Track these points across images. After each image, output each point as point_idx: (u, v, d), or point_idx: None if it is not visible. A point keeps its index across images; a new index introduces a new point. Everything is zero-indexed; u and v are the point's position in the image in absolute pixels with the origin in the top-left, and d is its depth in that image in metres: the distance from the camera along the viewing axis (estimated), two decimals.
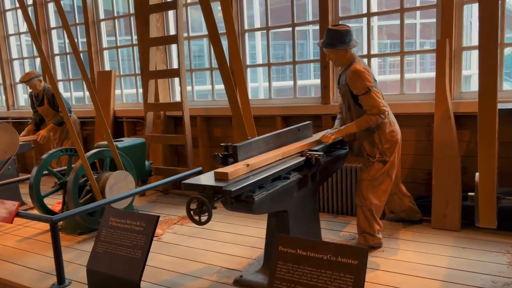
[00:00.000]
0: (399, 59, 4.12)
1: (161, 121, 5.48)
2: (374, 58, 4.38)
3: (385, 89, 5.94)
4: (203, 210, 2.11)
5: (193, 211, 2.14)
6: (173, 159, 5.68)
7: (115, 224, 2.86)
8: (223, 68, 2.66)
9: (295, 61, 4.68)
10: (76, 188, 3.88)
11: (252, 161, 2.47)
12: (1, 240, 4.06)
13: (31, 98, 5.84)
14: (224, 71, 2.69)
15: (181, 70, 4.91)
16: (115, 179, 3.98)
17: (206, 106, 5.28)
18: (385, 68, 10.34)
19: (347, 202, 4.16)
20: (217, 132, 5.32)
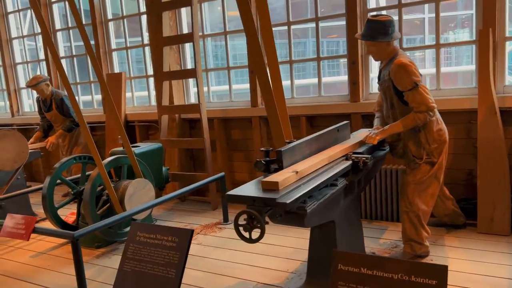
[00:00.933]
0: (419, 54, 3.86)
1: (176, 124, 5.22)
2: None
3: None
4: (254, 225, 1.84)
5: (243, 227, 1.88)
6: (189, 163, 5.41)
7: (143, 239, 2.60)
8: (260, 67, 2.41)
9: (319, 57, 4.41)
10: (94, 199, 3.62)
11: (299, 167, 2.21)
12: (14, 256, 3.79)
13: (38, 103, 5.58)
14: (261, 70, 2.44)
15: (198, 70, 4.64)
16: (134, 188, 3.72)
17: (224, 107, 5.01)
18: None
19: (382, 207, 3.90)
20: (236, 135, 5.06)
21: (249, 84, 4.73)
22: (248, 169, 5.03)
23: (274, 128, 2.62)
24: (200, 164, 5.40)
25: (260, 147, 4.75)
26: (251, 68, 4.65)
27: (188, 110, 4.93)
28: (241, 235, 1.93)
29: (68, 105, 5.37)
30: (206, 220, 4.35)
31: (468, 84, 4.29)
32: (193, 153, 5.44)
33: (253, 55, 2.45)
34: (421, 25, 7.21)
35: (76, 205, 4.12)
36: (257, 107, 4.70)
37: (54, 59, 3.29)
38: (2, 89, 7.40)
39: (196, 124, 5.31)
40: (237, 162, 5.13)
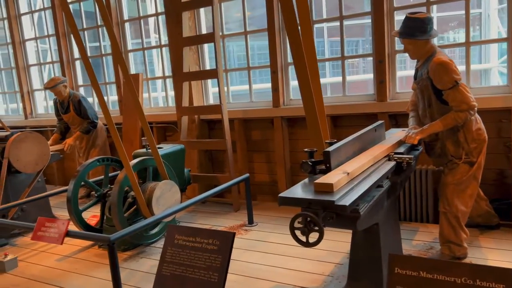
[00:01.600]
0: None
1: (196, 125, 5.17)
2: None
3: None
4: (311, 228, 1.79)
5: (300, 230, 1.82)
6: (208, 165, 5.36)
7: (182, 242, 2.55)
8: (301, 64, 2.36)
9: (344, 56, 4.36)
10: (121, 202, 3.57)
11: (348, 168, 2.15)
12: (39, 259, 3.74)
13: (56, 105, 5.53)
14: (301, 67, 2.39)
15: (219, 71, 4.59)
16: (161, 190, 3.67)
17: (244, 108, 4.96)
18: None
19: (411, 208, 3.84)
20: (256, 135, 5.01)
21: (271, 84, 4.68)
22: (268, 170, 4.98)
23: (312, 128, 2.56)
24: (219, 165, 5.35)
25: (282, 148, 4.70)
26: (273, 68, 4.61)
27: (209, 111, 4.88)
28: (297, 239, 1.87)
29: (86, 106, 5.33)
30: (230, 222, 4.30)
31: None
32: (212, 154, 5.39)
33: (295, 50, 2.39)
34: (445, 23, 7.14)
35: (100, 207, 4.08)
36: (279, 107, 4.65)
37: (84, 60, 3.23)
38: (15, 91, 7.36)
39: (216, 125, 5.26)
40: (257, 163, 5.08)
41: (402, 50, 2.99)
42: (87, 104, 5.37)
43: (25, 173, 4.26)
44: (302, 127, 4.65)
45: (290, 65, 4.66)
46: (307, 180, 2.19)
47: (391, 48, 4.00)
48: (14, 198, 4.26)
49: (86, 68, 3.23)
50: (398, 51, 4.03)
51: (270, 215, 4.40)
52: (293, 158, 4.77)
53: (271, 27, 4.53)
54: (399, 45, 3.98)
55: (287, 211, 4.48)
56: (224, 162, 5.31)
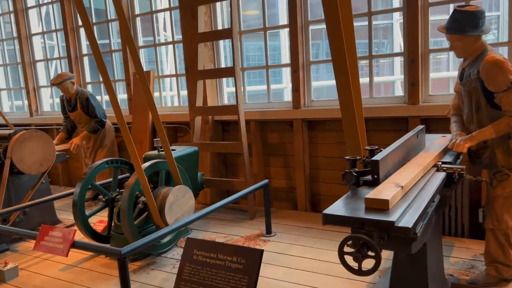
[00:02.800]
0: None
1: (209, 126, 4.89)
2: None
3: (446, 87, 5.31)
4: (365, 254, 1.50)
5: (353, 256, 1.53)
6: (221, 168, 5.08)
7: (201, 258, 2.26)
8: (341, 64, 2.10)
9: (372, 55, 4.06)
10: (131, 208, 3.29)
11: (398, 180, 1.86)
12: (41, 268, 3.47)
13: (62, 102, 5.27)
14: (342, 67, 2.13)
15: (236, 69, 4.30)
16: (175, 196, 3.38)
17: (261, 109, 4.68)
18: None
19: (445, 220, 3.54)
20: (273, 138, 4.72)
21: (291, 84, 4.39)
22: (285, 175, 4.69)
23: (350, 133, 2.29)
24: (232, 169, 5.07)
25: (302, 152, 4.41)
26: (294, 67, 4.32)
27: (224, 112, 4.60)
28: (347, 266, 1.58)
29: (94, 105, 5.07)
30: (246, 231, 4.01)
31: None
32: (225, 158, 5.11)
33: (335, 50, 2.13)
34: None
35: (108, 212, 3.81)
36: (300, 108, 4.36)
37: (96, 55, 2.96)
38: (20, 87, 7.12)
39: (230, 127, 4.98)
40: (274, 167, 4.79)
41: (448, 48, 2.69)
42: (96, 102, 5.10)
43: (29, 174, 3.99)
44: (323, 130, 4.36)
45: (312, 64, 4.38)
46: (350, 194, 1.90)
47: (424, 47, 3.70)
48: (16, 201, 4.00)
49: (98, 64, 2.96)
50: (432, 50, 3.73)
51: (289, 224, 4.11)
52: (313, 164, 4.48)
53: (293, 23, 4.25)
54: (433, 43, 3.69)
55: (307, 220, 4.19)
56: (238, 166, 5.02)
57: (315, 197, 4.53)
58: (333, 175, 4.37)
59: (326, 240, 3.65)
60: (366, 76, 4.22)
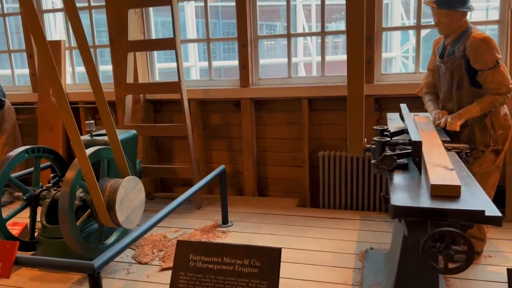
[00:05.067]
0: None
1: (140, 106, 4.29)
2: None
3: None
4: (455, 250, 1.30)
5: (444, 254, 1.32)
6: (154, 154, 4.53)
7: (201, 265, 1.87)
8: (358, 37, 1.85)
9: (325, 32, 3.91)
10: (73, 207, 2.67)
11: (440, 161, 1.71)
12: None
13: None
14: (357, 40, 1.88)
15: (177, 40, 3.80)
16: (125, 190, 2.84)
17: (204, 87, 4.24)
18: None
19: None
20: (215, 119, 4.33)
21: (239, 60, 4.04)
22: (229, 159, 4.36)
23: (354, 112, 2.09)
24: (165, 155, 4.56)
25: (250, 134, 4.12)
26: (241, 41, 3.97)
27: (164, 90, 4.04)
28: (432, 264, 1.36)
29: None
30: (198, 223, 3.61)
31: None
32: (157, 142, 4.57)
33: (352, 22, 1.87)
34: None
35: (29, 213, 3.08)
36: (248, 87, 4.05)
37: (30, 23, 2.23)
38: None
39: (163, 107, 4.45)
40: (215, 151, 4.42)
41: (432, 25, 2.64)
42: None
43: None
44: (271, 110, 4.13)
45: (260, 39, 4.07)
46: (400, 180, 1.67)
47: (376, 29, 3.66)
48: None
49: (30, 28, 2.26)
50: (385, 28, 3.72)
51: (242, 212, 3.82)
52: (260, 146, 4.23)
53: None
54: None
55: (258, 205, 3.96)
56: (173, 151, 4.54)
57: (262, 181, 4.30)
58: (281, 157, 4.19)
59: (289, 226, 3.47)
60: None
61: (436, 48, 2.77)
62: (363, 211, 3.69)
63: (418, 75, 3.63)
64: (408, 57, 7.90)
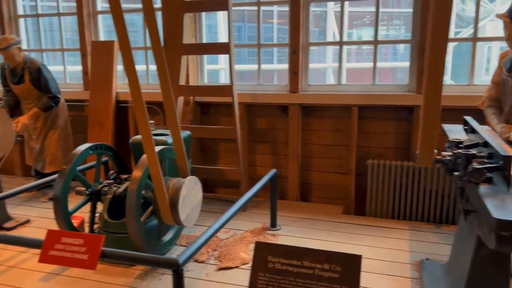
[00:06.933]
0: None
1: (190, 108, 4.39)
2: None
3: None
4: None
5: None
6: (200, 155, 4.62)
7: (280, 267, 1.92)
8: (441, 42, 1.89)
9: (377, 41, 3.94)
10: (140, 204, 2.77)
11: None
12: (15, 279, 2.77)
13: (3, 72, 4.32)
14: (440, 46, 1.92)
15: (231, 45, 3.88)
16: (187, 189, 2.92)
17: (252, 91, 4.31)
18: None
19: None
20: (261, 123, 4.40)
21: (289, 66, 4.10)
22: (273, 163, 4.41)
23: (428, 123, 2.11)
24: (210, 156, 4.64)
25: (297, 139, 4.17)
26: (293, 47, 4.03)
27: (216, 92, 4.13)
28: None
29: (47, 77, 4.24)
30: (247, 225, 3.67)
31: None
32: (202, 143, 4.66)
33: (436, 27, 1.91)
34: None
35: (90, 207, 3.19)
36: (298, 93, 4.10)
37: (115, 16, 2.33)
38: None
39: (211, 109, 4.54)
40: (259, 155, 4.48)
41: (504, 37, 2.65)
42: (49, 74, 4.27)
43: None
44: (319, 117, 4.17)
45: (311, 45, 4.12)
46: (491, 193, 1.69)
47: None
48: None
49: (116, 24, 2.35)
50: None
51: (287, 216, 3.87)
52: (306, 151, 4.27)
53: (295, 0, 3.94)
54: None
55: (302, 210, 4.00)
56: (218, 153, 4.62)
57: (305, 186, 4.35)
58: (326, 163, 4.22)
59: (336, 232, 3.50)
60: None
61: (503, 62, 2.77)
62: (411, 221, 3.70)
63: (473, 87, 3.64)
64: None
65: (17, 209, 4.02)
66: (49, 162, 4.44)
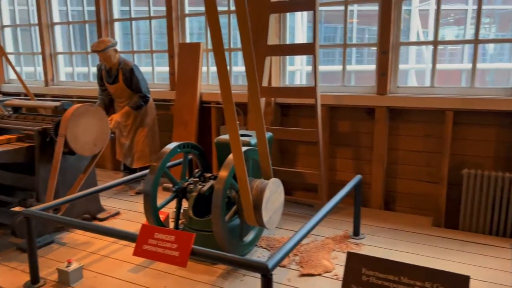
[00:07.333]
0: None
1: (271, 109, 4.37)
2: None
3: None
4: None
5: None
6: (279, 157, 4.58)
7: (375, 281, 1.80)
8: None
9: (478, 39, 3.62)
10: (225, 204, 2.78)
11: None
12: (106, 268, 2.93)
13: (100, 72, 4.63)
14: None
15: (316, 45, 3.79)
16: (270, 191, 2.89)
17: (335, 92, 4.18)
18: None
19: None
20: (343, 126, 4.24)
21: (377, 66, 3.91)
22: (355, 168, 4.24)
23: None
24: (289, 159, 4.58)
25: (383, 144, 3.96)
26: (382, 47, 3.84)
27: (298, 94, 4.06)
28: None
29: (139, 77, 4.46)
30: (327, 231, 3.56)
31: None
32: (281, 145, 4.61)
33: None
34: None
35: (176, 204, 3.29)
36: (385, 95, 3.90)
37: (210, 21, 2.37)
38: (33, 52, 6.36)
39: (290, 111, 4.48)
40: (340, 159, 4.33)
41: None
42: (140, 75, 4.49)
43: (82, 155, 3.40)
44: (408, 121, 3.92)
45: (402, 45, 3.89)
46: None
47: None
48: (63, 185, 3.41)
49: (212, 28, 2.38)
50: None
51: (369, 225, 3.69)
52: (392, 157, 4.05)
53: None
54: None
55: (386, 220, 3.79)
56: (297, 155, 4.55)
57: (390, 194, 4.12)
58: (414, 171, 3.96)
59: (426, 246, 3.25)
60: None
61: None
62: None
63: None
64: None
65: (107, 201, 4.29)
66: (137, 158, 4.68)
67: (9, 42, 6.61)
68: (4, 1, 6.43)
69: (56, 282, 2.72)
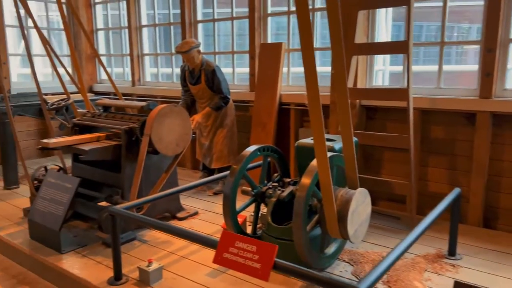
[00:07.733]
0: None
1: (356, 112, 4.11)
2: None
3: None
4: None
5: None
6: (362, 163, 4.30)
7: None
8: None
9: None
10: (306, 212, 2.62)
11: None
12: (185, 270, 2.91)
13: (183, 73, 4.70)
14: None
15: (410, 43, 3.47)
16: (357, 202, 2.66)
17: (429, 95, 3.81)
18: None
19: None
20: (437, 133, 3.85)
21: (482, 66, 3.48)
22: (448, 179, 3.83)
23: None
24: (373, 166, 4.28)
25: (485, 153, 3.52)
26: (488, 45, 3.40)
27: (388, 96, 3.76)
28: None
29: (220, 78, 4.45)
30: (417, 248, 3.21)
31: None
32: (365, 150, 4.32)
33: None
34: None
35: (254, 208, 3.18)
36: (490, 98, 3.46)
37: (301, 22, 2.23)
38: (122, 53, 6.71)
39: (377, 114, 4.17)
40: (432, 168, 3.94)
41: None
42: (222, 76, 4.48)
43: (165, 155, 3.44)
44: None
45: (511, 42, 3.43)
46: None
47: None
48: (145, 183, 3.47)
49: (301, 28, 2.22)
50: None
51: (467, 244, 3.28)
52: (494, 169, 3.58)
53: None
54: None
55: (487, 239, 3.35)
56: (381, 162, 4.23)
57: (491, 210, 3.65)
58: None
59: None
60: None
61: None
62: None
63: None
64: None
65: (186, 200, 4.33)
66: (216, 159, 4.68)
67: (102, 44, 7.05)
68: (99, 6, 6.86)
69: (137, 281, 2.75)
